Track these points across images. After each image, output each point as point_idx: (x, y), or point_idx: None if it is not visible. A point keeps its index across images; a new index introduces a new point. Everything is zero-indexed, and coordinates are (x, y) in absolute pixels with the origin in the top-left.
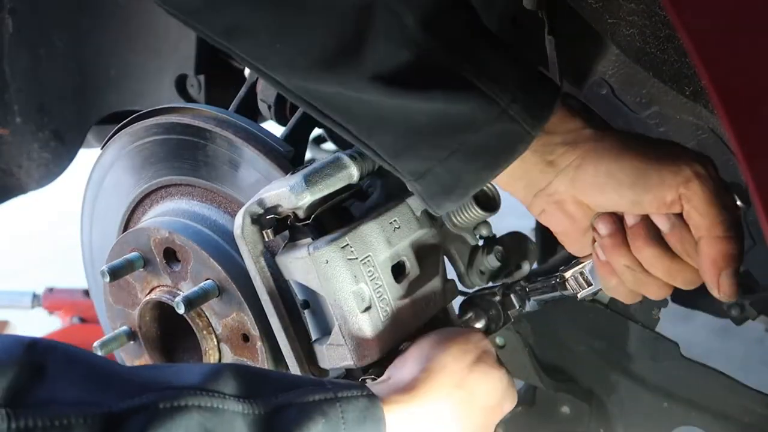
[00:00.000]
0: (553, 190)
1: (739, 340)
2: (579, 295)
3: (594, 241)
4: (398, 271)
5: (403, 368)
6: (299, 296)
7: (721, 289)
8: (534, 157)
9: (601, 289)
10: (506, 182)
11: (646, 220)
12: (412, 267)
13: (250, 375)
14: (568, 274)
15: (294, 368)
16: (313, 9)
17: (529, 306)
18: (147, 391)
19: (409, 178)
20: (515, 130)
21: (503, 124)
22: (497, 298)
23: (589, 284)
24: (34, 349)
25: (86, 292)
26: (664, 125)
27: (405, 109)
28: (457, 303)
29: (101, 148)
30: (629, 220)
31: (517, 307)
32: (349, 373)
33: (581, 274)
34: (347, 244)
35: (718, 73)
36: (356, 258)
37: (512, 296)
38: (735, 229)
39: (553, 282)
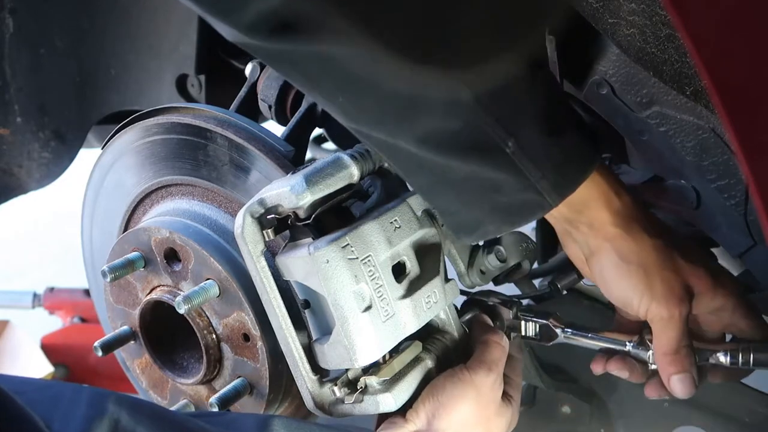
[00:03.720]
0: (573, 254)
1: None
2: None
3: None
4: (399, 270)
5: (417, 418)
6: (299, 296)
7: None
8: (559, 219)
9: None
10: None
11: None
12: (412, 267)
13: (298, 428)
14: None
15: (294, 368)
16: (372, 79)
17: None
18: None
19: (438, 212)
20: (538, 201)
21: (529, 195)
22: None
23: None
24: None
25: (87, 292)
26: (664, 125)
27: (443, 164)
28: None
29: (102, 148)
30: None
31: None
32: (349, 373)
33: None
34: (348, 244)
35: (718, 72)
36: (357, 258)
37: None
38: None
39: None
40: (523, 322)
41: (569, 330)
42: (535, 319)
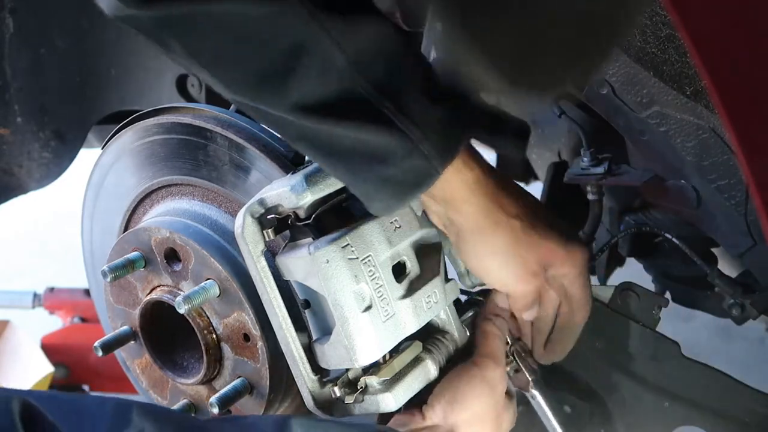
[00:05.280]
0: (435, 222)
1: (740, 339)
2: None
3: None
4: (399, 270)
5: (434, 413)
6: (300, 296)
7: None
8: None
9: None
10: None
11: None
12: (412, 267)
13: (315, 427)
14: None
15: (294, 368)
16: (247, 44)
17: None
18: None
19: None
20: (423, 167)
21: (414, 160)
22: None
23: None
24: None
25: (87, 292)
26: (664, 125)
27: (329, 132)
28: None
29: (102, 148)
30: None
31: None
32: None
33: None
34: (348, 244)
35: (718, 73)
36: (357, 258)
37: None
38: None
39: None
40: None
41: (537, 393)
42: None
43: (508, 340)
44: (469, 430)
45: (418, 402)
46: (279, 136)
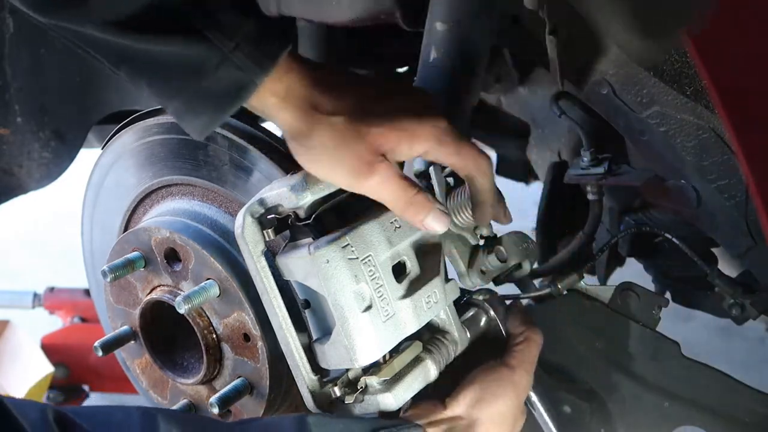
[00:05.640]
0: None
1: (740, 339)
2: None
3: None
4: (399, 270)
5: (466, 411)
6: (300, 296)
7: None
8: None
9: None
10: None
11: None
12: (412, 267)
13: (330, 424)
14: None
15: (294, 368)
16: None
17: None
18: None
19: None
20: (239, 77)
21: (227, 71)
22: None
23: None
24: None
25: (87, 292)
26: (664, 125)
27: (144, 50)
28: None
29: (102, 148)
30: None
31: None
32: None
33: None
34: (348, 244)
35: (718, 73)
36: (357, 258)
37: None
38: None
39: None
40: None
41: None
42: None
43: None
44: (488, 428)
45: (437, 394)
46: (105, 62)
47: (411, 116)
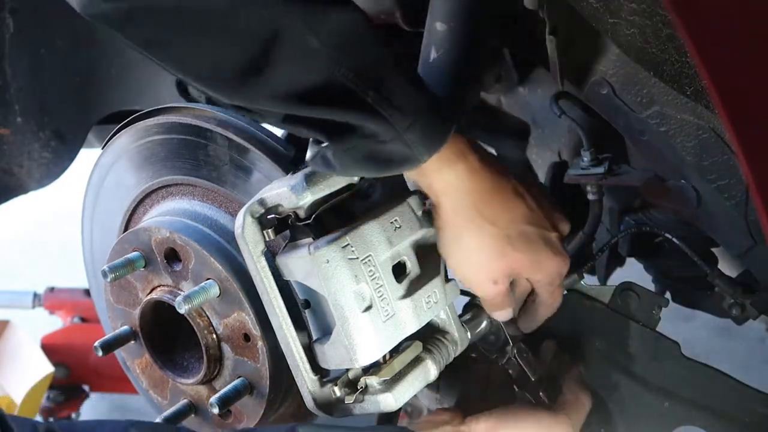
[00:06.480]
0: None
1: (740, 339)
2: None
3: None
4: (399, 270)
5: (479, 425)
6: (300, 296)
7: None
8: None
9: None
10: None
11: None
12: (412, 267)
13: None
14: None
15: (294, 368)
16: (218, 32)
17: None
18: None
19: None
20: (406, 153)
21: (397, 146)
22: None
23: None
24: None
25: (87, 292)
26: (664, 125)
27: (315, 117)
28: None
29: (102, 148)
30: None
31: None
32: (349, 373)
33: None
34: (348, 244)
35: (718, 72)
36: (357, 258)
37: None
38: None
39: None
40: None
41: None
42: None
43: (510, 341)
44: None
45: (457, 406)
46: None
47: (548, 250)
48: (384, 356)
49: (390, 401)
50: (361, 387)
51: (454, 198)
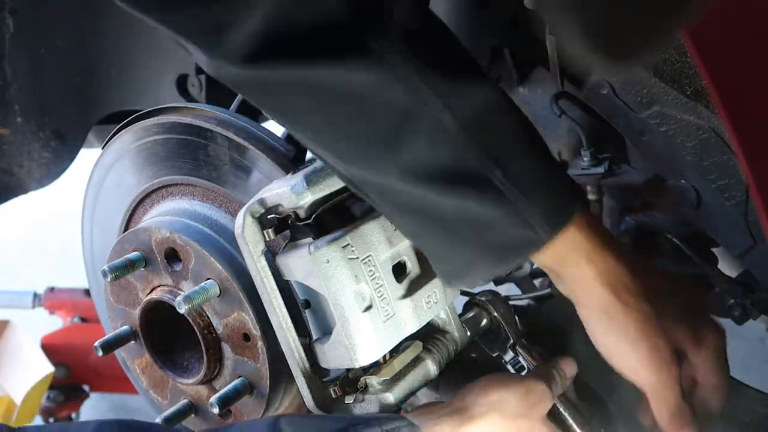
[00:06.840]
0: (563, 294)
1: (741, 339)
2: None
3: None
4: (399, 270)
5: (464, 398)
6: (300, 296)
7: None
8: (543, 264)
9: None
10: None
11: None
12: (413, 267)
13: (303, 423)
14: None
15: (294, 368)
16: (354, 111)
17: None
18: None
19: (429, 258)
20: (530, 236)
21: (520, 230)
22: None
23: None
24: None
25: (87, 292)
26: (664, 125)
27: (434, 200)
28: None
29: (102, 148)
30: None
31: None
32: (349, 372)
33: None
34: (348, 244)
35: (718, 72)
36: (357, 257)
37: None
38: None
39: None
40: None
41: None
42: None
43: (512, 338)
44: (485, 412)
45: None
46: (377, 207)
47: (702, 318)
48: (384, 356)
49: (390, 401)
50: (361, 387)
51: (594, 276)
